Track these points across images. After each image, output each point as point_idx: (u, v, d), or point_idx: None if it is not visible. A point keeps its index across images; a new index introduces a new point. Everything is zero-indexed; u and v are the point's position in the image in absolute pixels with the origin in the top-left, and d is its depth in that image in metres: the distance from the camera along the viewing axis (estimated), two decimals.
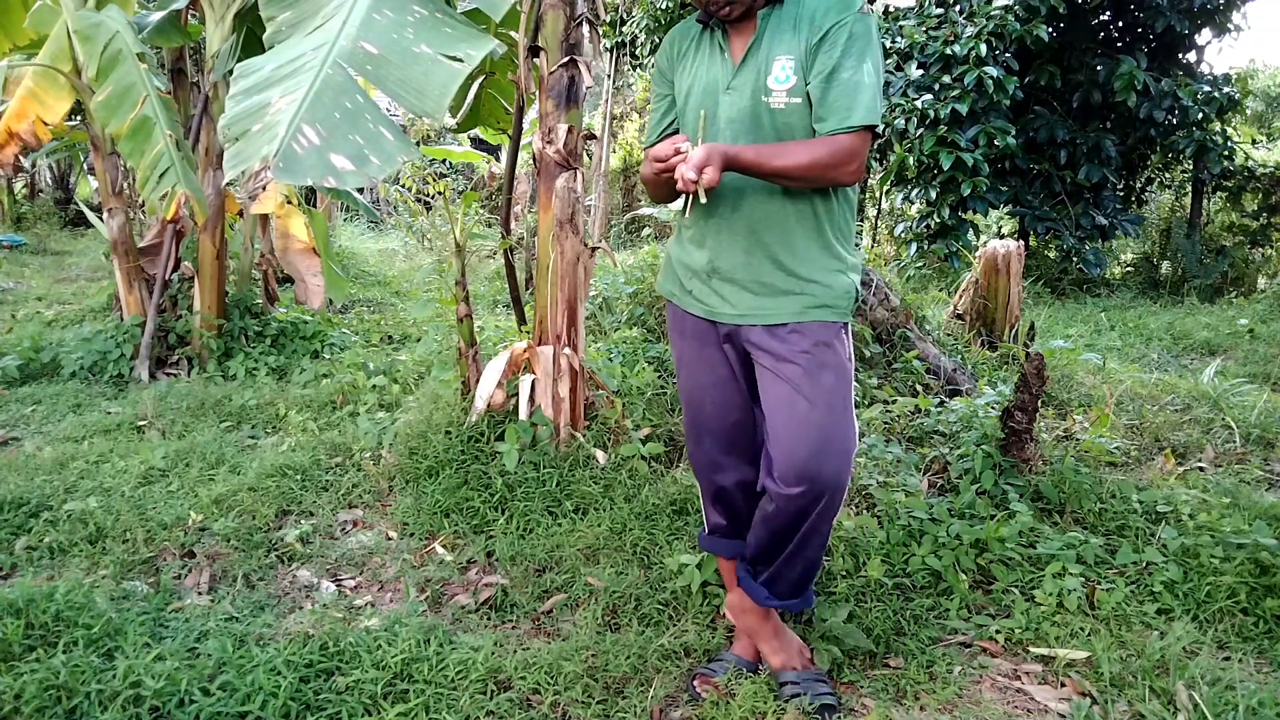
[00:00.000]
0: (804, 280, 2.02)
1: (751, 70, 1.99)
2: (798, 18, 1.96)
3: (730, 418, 2.19)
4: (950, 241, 9.22)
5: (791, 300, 2.02)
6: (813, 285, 2.02)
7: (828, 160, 1.91)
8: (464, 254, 3.61)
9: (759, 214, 2.02)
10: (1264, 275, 10.01)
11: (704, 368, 2.19)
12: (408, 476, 3.32)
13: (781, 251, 2.02)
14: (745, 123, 2.00)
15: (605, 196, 12.53)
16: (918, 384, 4.41)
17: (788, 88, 1.96)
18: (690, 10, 2.16)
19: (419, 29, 2.69)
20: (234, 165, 2.25)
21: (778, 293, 2.03)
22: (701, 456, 2.26)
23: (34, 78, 4.73)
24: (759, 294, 2.04)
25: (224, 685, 2.05)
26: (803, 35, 1.95)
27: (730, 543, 2.31)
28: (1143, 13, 9.27)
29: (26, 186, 13.44)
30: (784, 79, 1.96)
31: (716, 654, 2.33)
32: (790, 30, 1.96)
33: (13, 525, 2.98)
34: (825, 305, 2.02)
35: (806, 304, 2.02)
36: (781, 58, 1.96)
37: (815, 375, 1.99)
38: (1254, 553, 2.65)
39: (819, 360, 2.00)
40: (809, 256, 2.02)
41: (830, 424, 1.97)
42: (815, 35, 1.93)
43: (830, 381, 2.00)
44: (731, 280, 2.07)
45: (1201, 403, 4.40)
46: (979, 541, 2.81)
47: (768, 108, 1.98)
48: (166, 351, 5.22)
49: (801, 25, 1.95)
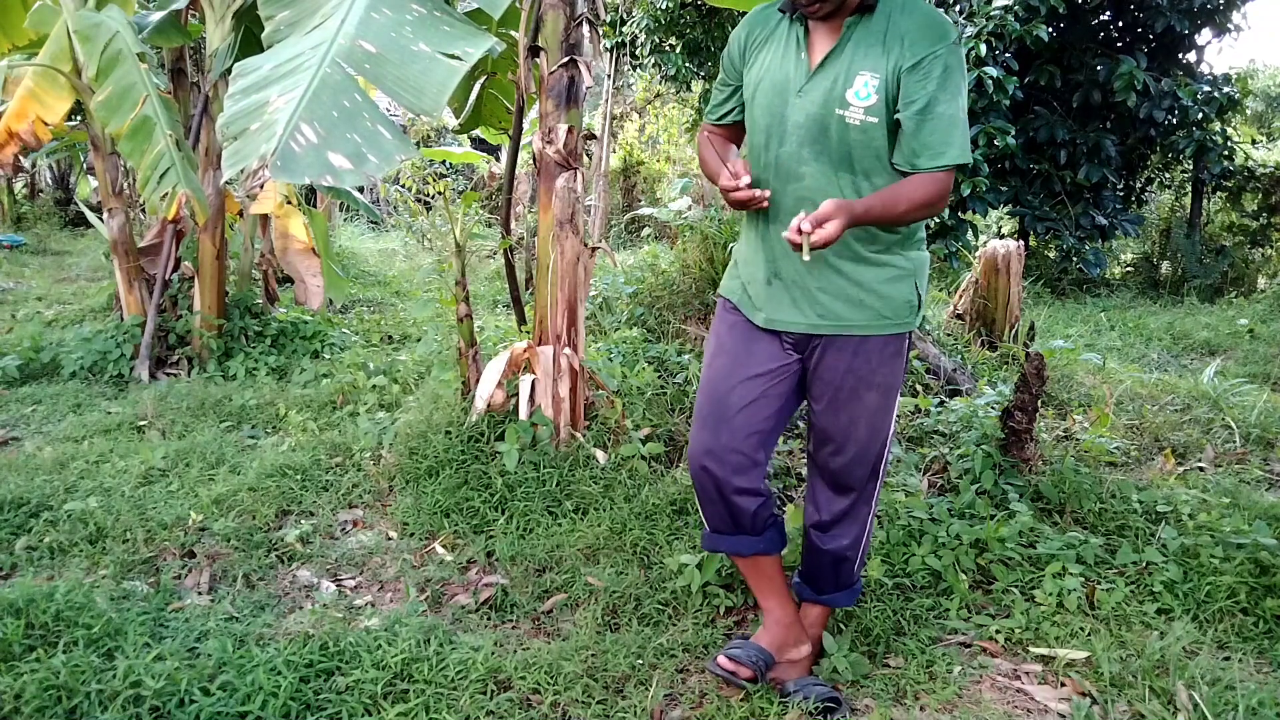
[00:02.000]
0: (865, 288, 2.01)
1: (829, 77, 1.92)
2: (887, 34, 1.89)
3: (756, 413, 2.09)
4: (950, 241, 9.22)
5: (850, 310, 2.01)
6: (873, 294, 2.01)
7: (936, 199, 1.90)
8: (464, 254, 3.61)
9: None
10: (1264, 275, 10.01)
11: (745, 360, 2.11)
12: (408, 476, 3.32)
13: (844, 257, 1.99)
14: (813, 129, 1.94)
15: (605, 196, 12.52)
16: (918, 384, 4.41)
17: (866, 105, 1.89)
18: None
19: (417, 27, 2.69)
20: (232, 164, 2.25)
21: (836, 301, 2.01)
22: (712, 445, 2.10)
23: (34, 78, 4.73)
24: (817, 302, 2.02)
25: (224, 685, 2.05)
26: (892, 56, 1.88)
27: (728, 539, 2.21)
28: (1143, 13, 9.27)
29: (26, 186, 13.44)
30: (865, 96, 1.89)
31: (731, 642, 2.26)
32: (879, 47, 1.89)
33: (13, 525, 2.98)
34: (885, 318, 2.03)
35: (867, 317, 2.01)
36: (865, 73, 1.89)
37: (861, 391, 2.05)
38: (1254, 553, 2.65)
39: (869, 377, 2.04)
40: (873, 261, 2.00)
41: (865, 438, 2.09)
42: (907, 61, 1.86)
43: (875, 399, 2.06)
44: (793, 286, 2.04)
45: (1201, 403, 4.40)
46: (979, 541, 2.81)
47: (841, 120, 1.92)
48: (166, 351, 5.22)
49: (892, 45, 1.88)
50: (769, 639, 2.20)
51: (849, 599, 2.29)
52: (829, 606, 2.30)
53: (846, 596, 2.28)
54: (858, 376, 2.04)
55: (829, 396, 2.08)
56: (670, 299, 5.02)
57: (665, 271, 5.25)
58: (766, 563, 2.23)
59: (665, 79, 12.38)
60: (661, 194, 14.12)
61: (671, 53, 11.55)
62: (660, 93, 15.23)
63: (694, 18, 11.06)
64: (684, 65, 11.51)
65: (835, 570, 2.22)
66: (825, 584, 2.25)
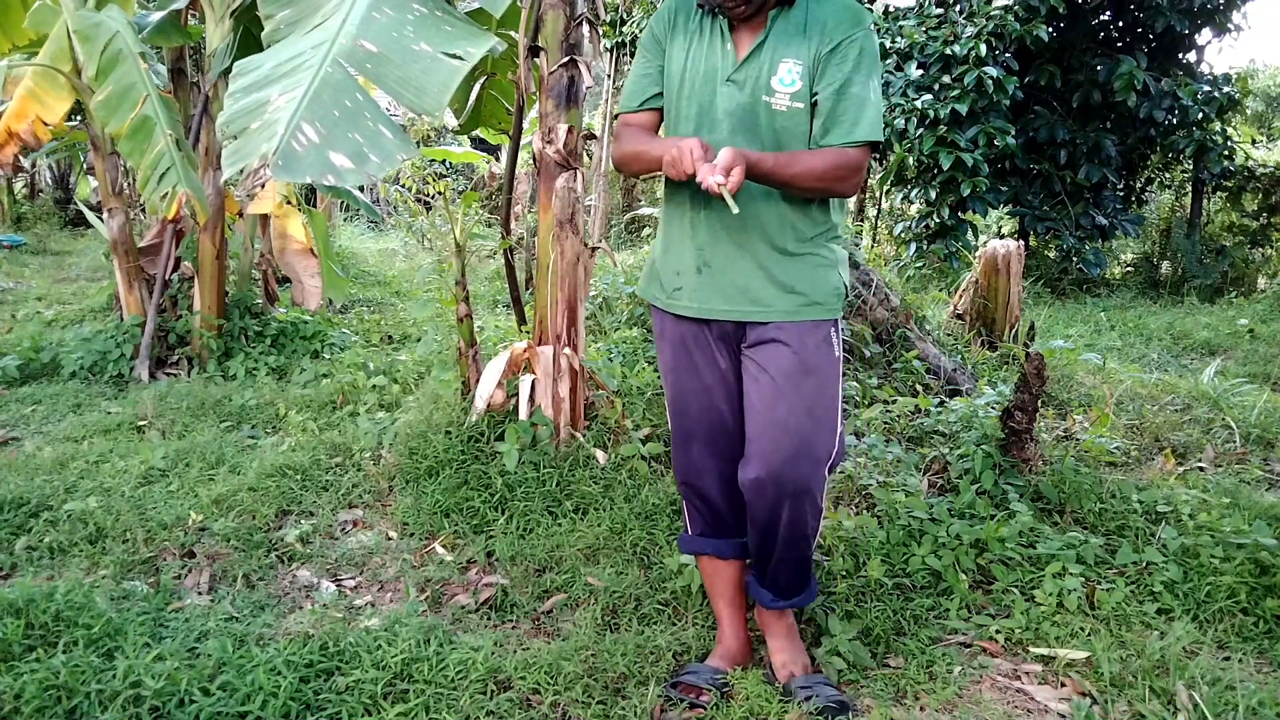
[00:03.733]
0: (793, 276, 2.03)
1: (755, 66, 1.99)
2: (807, 23, 1.97)
3: (716, 422, 2.16)
4: (950, 241, 9.22)
5: (780, 298, 2.04)
6: (801, 282, 2.04)
7: (835, 173, 1.94)
8: (464, 254, 3.61)
9: (751, 210, 2.01)
10: (1264, 275, 10.01)
11: (689, 373, 2.16)
12: (408, 476, 3.32)
13: (770, 248, 2.03)
14: (743, 117, 2.00)
15: (605, 196, 12.52)
16: (918, 384, 4.41)
17: (792, 91, 1.97)
18: None
19: (419, 27, 2.69)
20: (232, 163, 2.25)
21: (767, 288, 2.04)
22: (688, 463, 2.22)
23: (34, 78, 4.73)
24: (747, 290, 2.04)
25: (224, 685, 2.04)
26: (813, 43, 1.96)
27: (713, 541, 2.27)
28: (1143, 13, 9.27)
29: (26, 186, 13.44)
30: (789, 82, 1.97)
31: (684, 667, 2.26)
32: (799, 35, 1.97)
33: (13, 525, 2.98)
34: (815, 303, 2.05)
35: (796, 303, 2.04)
36: (789, 60, 1.97)
37: (798, 379, 2.01)
38: (1254, 553, 2.65)
39: (804, 363, 2.02)
40: (797, 253, 2.04)
41: (808, 429, 2.00)
42: (826, 45, 1.95)
43: (813, 385, 2.01)
44: (722, 274, 2.06)
45: (1201, 403, 4.40)
46: (979, 541, 2.81)
47: (768, 107, 1.98)
48: (166, 351, 5.22)
49: (812, 32, 1.96)
50: (721, 655, 2.26)
51: (811, 597, 2.24)
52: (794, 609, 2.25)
53: (809, 596, 2.23)
54: (792, 362, 2.02)
55: (764, 383, 2.04)
56: None
57: None
58: (738, 568, 2.28)
59: None
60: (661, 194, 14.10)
61: None
62: None
63: None
64: None
65: (799, 571, 2.16)
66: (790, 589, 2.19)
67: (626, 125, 2.16)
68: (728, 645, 2.28)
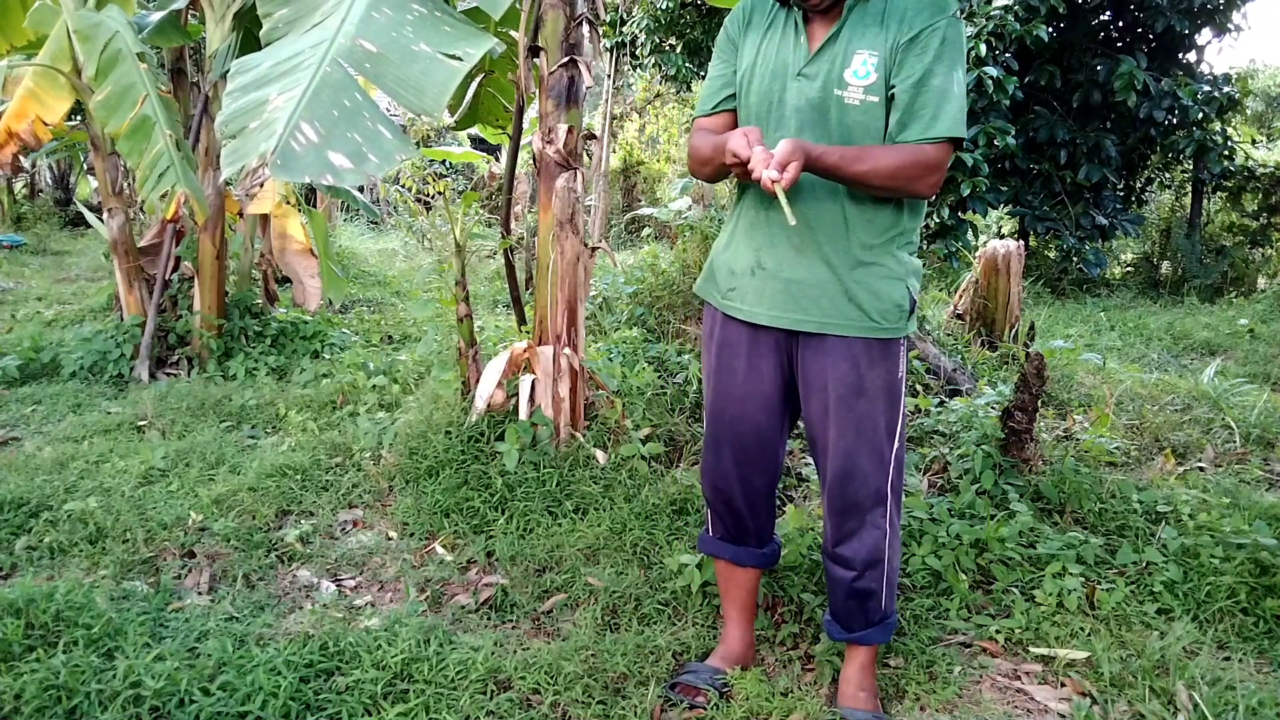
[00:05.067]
0: (855, 286, 1.90)
1: (828, 59, 1.87)
2: (885, 13, 1.84)
3: (750, 432, 2.07)
4: (950, 241, 9.21)
5: (838, 309, 1.91)
6: (863, 293, 1.90)
7: (910, 170, 1.80)
8: (464, 254, 3.61)
9: (815, 210, 1.89)
10: (1264, 275, 10.01)
11: (730, 378, 2.06)
12: (408, 476, 3.32)
13: (832, 252, 1.90)
14: (812, 113, 1.88)
15: (605, 196, 12.52)
16: (918, 384, 4.41)
17: (866, 84, 1.83)
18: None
19: (418, 27, 2.69)
20: (231, 162, 2.25)
21: (824, 297, 1.91)
22: (717, 469, 2.13)
23: (34, 78, 4.73)
24: (803, 297, 1.92)
25: (224, 685, 2.04)
26: (890, 32, 1.83)
27: (731, 548, 2.23)
28: (1143, 13, 9.27)
29: (26, 186, 13.43)
30: (863, 74, 1.84)
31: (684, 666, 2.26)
32: (876, 25, 1.84)
33: (13, 525, 2.98)
34: (875, 319, 1.91)
35: (855, 316, 1.90)
36: (863, 52, 1.84)
37: (850, 400, 1.92)
38: (1254, 553, 2.65)
39: (859, 385, 1.92)
40: (863, 260, 1.90)
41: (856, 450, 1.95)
42: (905, 35, 1.81)
43: (865, 408, 1.92)
44: (777, 278, 1.94)
45: (1201, 403, 4.40)
46: (979, 541, 2.80)
47: (839, 101, 1.85)
48: (166, 351, 5.22)
49: (890, 22, 1.83)
50: (723, 655, 2.25)
51: (882, 635, 2.10)
52: (862, 645, 2.12)
53: (879, 633, 2.09)
54: (844, 383, 1.92)
55: (815, 401, 1.97)
56: (670, 299, 5.02)
57: (665, 271, 5.25)
58: (752, 575, 2.26)
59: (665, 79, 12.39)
60: (661, 194, 14.13)
61: (671, 53, 11.56)
62: (660, 93, 15.23)
63: (694, 18, 11.06)
64: (684, 65, 11.51)
65: (860, 604, 2.06)
66: (854, 621, 2.09)
67: (700, 129, 2.06)
68: (730, 647, 2.27)
